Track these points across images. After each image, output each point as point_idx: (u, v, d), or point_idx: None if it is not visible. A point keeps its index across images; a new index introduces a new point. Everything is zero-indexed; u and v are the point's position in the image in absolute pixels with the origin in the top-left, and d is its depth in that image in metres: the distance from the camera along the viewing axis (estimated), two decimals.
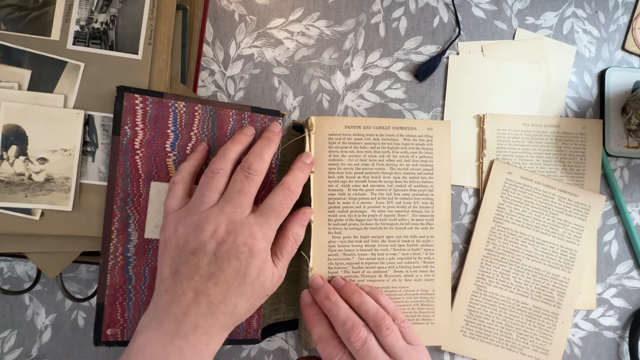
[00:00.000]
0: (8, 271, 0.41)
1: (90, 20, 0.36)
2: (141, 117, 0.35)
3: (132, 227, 0.35)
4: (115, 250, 0.35)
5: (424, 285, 0.41)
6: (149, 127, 0.35)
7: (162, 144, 0.36)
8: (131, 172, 0.35)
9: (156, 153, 0.35)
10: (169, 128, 0.36)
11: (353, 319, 0.34)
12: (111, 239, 0.35)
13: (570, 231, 0.43)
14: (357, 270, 0.40)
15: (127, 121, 0.35)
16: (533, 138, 0.44)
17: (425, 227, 0.41)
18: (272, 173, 0.37)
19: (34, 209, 0.35)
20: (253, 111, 0.37)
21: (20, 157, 0.35)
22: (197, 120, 0.36)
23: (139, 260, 0.36)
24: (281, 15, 0.44)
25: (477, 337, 0.42)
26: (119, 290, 0.35)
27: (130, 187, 0.35)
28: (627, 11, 0.46)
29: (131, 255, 0.35)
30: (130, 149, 0.35)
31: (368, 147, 0.40)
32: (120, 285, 0.35)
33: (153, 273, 0.36)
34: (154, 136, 0.35)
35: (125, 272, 0.35)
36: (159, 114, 0.35)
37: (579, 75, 0.45)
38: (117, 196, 0.35)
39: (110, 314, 0.35)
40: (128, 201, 0.35)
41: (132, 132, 0.35)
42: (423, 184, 0.41)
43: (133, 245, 0.35)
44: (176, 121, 0.36)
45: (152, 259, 0.36)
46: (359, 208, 0.40)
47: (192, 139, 0.36)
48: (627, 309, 0.45)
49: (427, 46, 0.45)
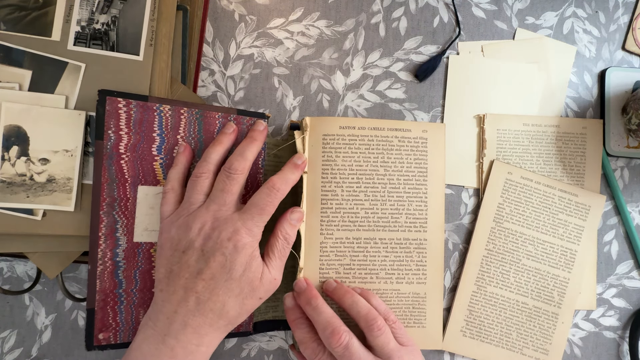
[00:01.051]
0: (8, 271, 0.41)
1: (91, 21, 0.36)
2: (125, 121, 0.35)
3: (120, 232, 0.35)
4: (104, 256, 0.35)
5: (416, 288, 0.41)
6: (133, 131, 0.35)
7: (149, 148, 0.35)
8: (117, 177, 0.35)
9: (142, 157, 0.35)
10: (154, 131, 0.35)
11: (333, 324, 0.34)
12: (99, 245, 0.35)
13: (571, 231, 0.43)
14: (349, 272, 0.40)
15: (111, 125, 0.34)
16: (533, 138, 0.44)
17: (418, 230, 0.41)
18: (258, 173, 0.38)
19: (36, 209, 0.35)
20: (239, 114, 0.38)
21: (22, 157, 0.35)
22: (183, 123, 0.36)
23: (129, 264, 0.36)
24: (281, 15, 0.44)
25: (477, 337, 0.42)
26: (109, 295, 0.35)
27: (117, 192, 0.35)
28: (627, 11, 0.46)
29: (120, 260, 0.35)
30: (115, 153, 0.35)
31: (362, 148, 0.40)
32: (110, 289, 0.35)
33: (144, 276, 0.36)
34: (139, 140, 0.35)
35: (115, 276, 0.35)
36: (144, 118, 0.35)
37: (579, 75, 0.45)
38: (103, 201, 0.35)
39: (101, 318, 0.35)
40: (115, 206, 0.35)
41: (116, 137, 0.35)
42: (417, 187, 0.41)
43: (122, 249, 0.35)
44: (162, 124, 0.36)
45: (142, 262, 0.36)
46: (352, 209, 0.40)
47: (179, 142, 0.36)
48: (627, 309, 0.45)
49: (427, 46, 0.45)
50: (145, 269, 0.36)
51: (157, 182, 0.36)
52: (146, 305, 0.36)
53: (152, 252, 0.36)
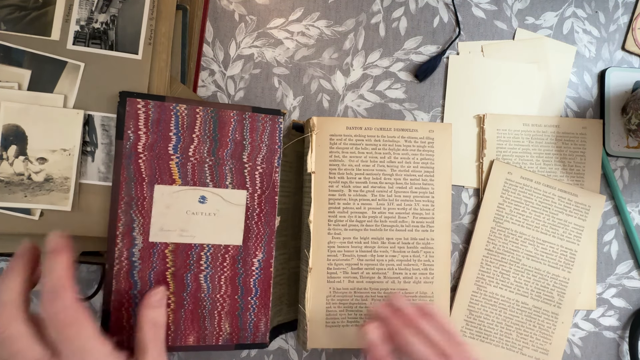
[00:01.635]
0: None
1: (90, 20, 0.36)
2: (144, 121, 0.35)
3: (136, 231, 0.35)
4: (121, 255, 0.35)
5: (423, 288, 0.41)
6: (151, 131, 0.35)
7: (165, 147, 0.36)
8: (135, 176, 0.35)
9: (159, 156, 0.35)
10: (171, 131, 0.36)
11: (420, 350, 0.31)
12: (116, 244, 0.34)
13: (570, 231, 0.43)
14: (356, 272, 0.40)
15: (130, 125, 0.35)
16: (533, 138, 0.44)
17: (425, 230, 0.41)
18: (274, 172, 0.37)
19: (33, 209, 0.35)
20: (254, 111, 0.37)
21: (20, 157, 0.35)
22: (198, 122, 0.36)
23: (144, 265, 0.35)
24: (281, 15, 0.44)
25: (477, 337, 0.42)
26: (124, 296, 0.35)
27: (134, 191, 0.35)
28: (627, 11, 0.46)
29: (136, 260, 0.35)
30: (134, 152, 0.35)
31: (369, 149, 0.40)
32: (126, 290, 0.35)
33: (158, 277, 0.36)
34: (156, 139, 0.35)
35: (131, 277, 0.35)
36: (161, 117, 0.35)
37: (579, 75, 0.45)
38: (121, 200, 0.35)
39: (116, 320, 0.34)
40: (132, 205, 0.35)
41: (135, 136, 0.35)
42: (424, 186, 0.41)
43: (138, 249, 0.35)
44: (178, 124, 0.36)
45: (157, 262, 0.36)
46: (359, 209, 0.40)
47: (194, 140, 0.36)
48: (627, 309, 0.45)
49: (427, 46, 0.45)
50: (160, 270, 0.36)
51: (173, 181, 0.36)
52: None
53: (166, 253, 0.36)
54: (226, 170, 0.37)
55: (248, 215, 0.37)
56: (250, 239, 0.37)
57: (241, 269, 0.37)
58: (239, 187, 0.37)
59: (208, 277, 0.36)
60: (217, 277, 0.36)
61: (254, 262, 0.37)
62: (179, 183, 0.36)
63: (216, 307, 0.36)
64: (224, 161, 0.37)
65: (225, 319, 0.37)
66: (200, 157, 0.36)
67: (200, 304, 0.36)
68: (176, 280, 0.36)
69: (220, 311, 0.36)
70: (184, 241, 0.36)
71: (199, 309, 0.36)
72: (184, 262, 0.36)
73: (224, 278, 0.36)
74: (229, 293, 0.37)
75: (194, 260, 0.36)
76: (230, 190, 0.37)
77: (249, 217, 0.37)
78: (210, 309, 0.36)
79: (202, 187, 0.36)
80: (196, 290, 0.36)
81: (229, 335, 0.37)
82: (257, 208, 0.37)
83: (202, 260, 0.36)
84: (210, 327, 0.36)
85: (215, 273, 0.36)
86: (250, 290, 0.37)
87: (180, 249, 0.36)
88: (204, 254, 0.36)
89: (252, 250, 0.37)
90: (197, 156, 0.36)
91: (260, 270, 0.37)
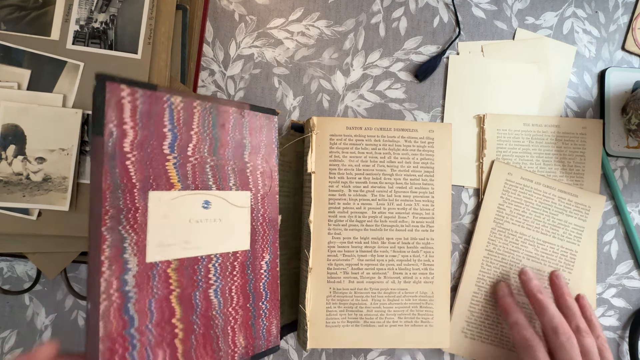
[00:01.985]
0: (8, 271, 0.41)
1: (90, 20, 0.36)
2: (130, 113, 0.28)
3: (128, 252, 0.28)
4: (109, 287, 0.27)
5: (423, 288, 0.41)
6: (140, 125, 0.29)
7: (159, 145, 0.30)
8: (122, 182, 0.28)
9: (152, 156, 0.29)
10: (165, 126, 0.30)
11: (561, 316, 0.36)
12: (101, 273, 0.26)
13: (571, 232, 0.43)
14: (357, 272, 0.40)
15: (112, 118, 0.27)
16: (533, 138, 0.44)
17: (425, 230, 0.41)
18: (274, 170, 0.37)
19: (32, 209, 0.35)
20: (251, 109, 0.36)
21: (19, 156, 0.35)
22: (196, 117, 0.32)
23: (142, 293, 0.28)
24: (281, 15, 0.44)
25: (478, 338, 0.42)
26: (117, 340, 0.27)
27: (123, 201, 0.28)
28: (627, 11, 0.46)
29: (130, 289, 0.28)
30: (119, 152, 0.28)
31: (369, 148, 0.40)
32: (118, 332, 0.27)
33: (162, 304, 0.29)
34: (147, 136, 0.29)
35: (125, 312, 0.27)
36: (152, 110, 0.29)
37: (579, 75, 0.45)
38: (104, 214, 0.27)
39: None
40: (121, 219, 0.27)
41: (118, 131, 0.28)
42: (424, 186, 0.41)
43: (132, 275, 0.28)
44: (173, 118, 0.30)
45: (158, 287, 0.29)
46: (359, 209, 0.40)
47: (193, 138, 0.31)
48: (627, 309, 0.44)
49: (427, 46, 0.45)
50: (163, 295, 0.29)
51: (171, 186, 0.30)
52: (166, 343, 0.29)
53: (169, 273, 0.30)
54: (229, 171, 0.33)
55: (253, 217, 0.35)
56: (257, 241, 0.35)
57: (251, 274, 0.35)
58: (243, 187, 0.34)
59: (219, 291, 0.32)
60: (227, 289, 0.33)
61: (262, 264, 0.35)
62: (178, 188, 0.30)
63: (229, 322, 0.33)
64: (226, 161, 0.33)
65: (239, 332, 0.33)
66: (201, 156, 0.32)
67: (212, 323, 0.32)
68: (183, 303, 0.30)
69: (234, 325, 0.33)
70: (189, 255, 0.31)
71: (211, 330, 0.32)
72: (191, 279, 0.31)
73: (234, 288, 0.33)
74: (241, 303, 0.34)
75: (202, 275, 0.31)
76: (235, 192, 0.34)
77: (254, 219, 0.35)
78: (223, 326, 0.32)
79: (205, 191, 0.32)
80: (207, 309, 0.31)
81: (244, 350, 0.34)
82: (260, 208, 0.36)
83: (210, 273, 0.32)
84: (224, 347, 0.32)
85: (226, 285, 0.33)
86: (261, 294, 0.35)
87: (184, 265, 0.30)
88: (212, 266, 0.32)
89: (260, 252, 0.35)
90: (198, 156, 0.32)
91: (268, 272, 0.36)
